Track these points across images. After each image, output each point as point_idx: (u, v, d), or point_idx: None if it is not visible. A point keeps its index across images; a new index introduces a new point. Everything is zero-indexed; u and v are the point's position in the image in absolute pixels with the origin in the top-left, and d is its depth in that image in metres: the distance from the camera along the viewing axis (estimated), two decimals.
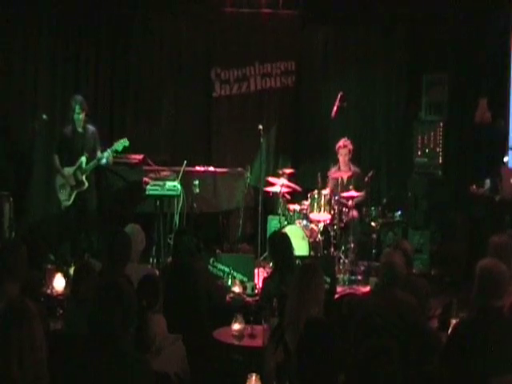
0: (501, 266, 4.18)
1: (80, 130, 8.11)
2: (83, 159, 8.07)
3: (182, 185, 8.28)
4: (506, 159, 8.69)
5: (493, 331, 3.96)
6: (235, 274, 7.18)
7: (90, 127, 8.19)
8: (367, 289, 7.30)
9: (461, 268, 8.05)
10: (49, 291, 6.32)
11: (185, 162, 8.29)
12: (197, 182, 8.50)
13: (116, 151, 8.13)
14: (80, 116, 8.04)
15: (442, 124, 9.30)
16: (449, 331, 4.55)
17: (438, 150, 9.29)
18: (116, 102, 9.82)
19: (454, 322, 4.75)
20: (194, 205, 8.44)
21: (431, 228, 9.02)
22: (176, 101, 10.00)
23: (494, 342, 3.93)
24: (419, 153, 9.44)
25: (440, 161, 9.28)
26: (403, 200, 9.33)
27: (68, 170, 8.09)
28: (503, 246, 5.42)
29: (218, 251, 8.13)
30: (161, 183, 8.29)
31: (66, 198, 8.11)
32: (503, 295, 4.11)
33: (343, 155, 8.82)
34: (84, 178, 8.07)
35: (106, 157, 8.03)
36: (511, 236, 6.14)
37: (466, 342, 4.01)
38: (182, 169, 8.29)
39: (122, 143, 8.06)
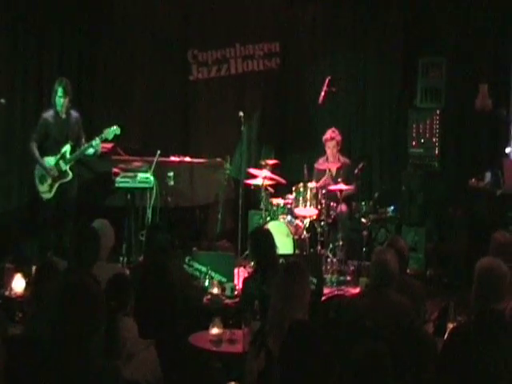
0: (501, 265, 4.19)
1: (63, 115, 7.98)
2: (67, 148, 7.96)
3: (155, 176, 8.26)
4: (508, 150, 8.74)
5: (493, 336, 3.96)
6: (213, 273, 7.21)
7: (74, 113, 8.07)
8: (357, 290, 7.33)
9: (459, 268, 8.09)
10: (7, 293, 6.27)
11: (158, 151, 8.27)
12: (171, 174, 8.51)
13: (106, 140, 8.01)
14: (62, 100, 7.90)
15: (438, 112, 9.33)
16: (445, 336, 4.56)
17: (434, 140, 9.32)
18: (83, 87, 9.72)
19: (451, 326, 4.76)
20: (169, 198, 8.44)
21: (427, 225, 9.06)
22: (149, 85, 9.99)
23: (495, 349, 3.93)
24: (414, 143, 9.46)
25: (437, 152, 9.31)
26: (396, 194, 9.37)
27: (49, 160, 7.98)
28: (506, 245, 5.46)
29: (194, 249, 8.14)
30: (132, 175, 8.27)
31: (46, 190, 7.97)
32: (504, 297, 4.12)
33: (331, 148, 8.86)
34: (68, 168, 7.97)
35: (94, 146, 7.91)
36: None
37: (463, 348, 4.00)
38: (156, 159, 8.27)
39: (112, 131, 7.92)
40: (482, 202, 8.53)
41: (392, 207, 8.80)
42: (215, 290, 6.89)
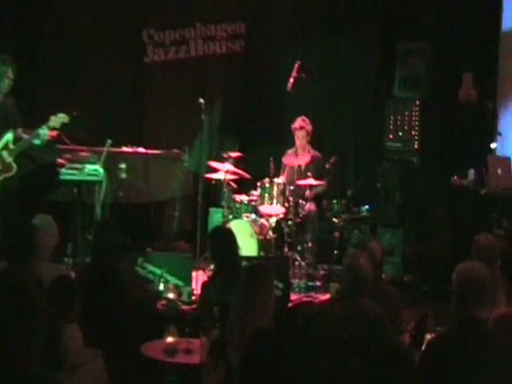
0: (482, 270, 4.23)
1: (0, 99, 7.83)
2: (9, 137, 7.80)
3: (104, 169, 8.22)
4: (493, 146, 8.83)
5: (474, 348, 4.00)
6: (169, 277, 7.18)
7: (9, 99, 7.91)
8: (327, 297, 7.34)
9: (439, 274, 8.13)
10: None
11: (109, 141, 8.22)
12: (123, 166, 8.47)
13: (54, 129, 7.87)
14: (6, 81, 7.76)
15: (419, 102, 9.39)
16: (423, 348, 4.59)
17: (413, 133, 9.38)
18: (23, 68, 9.55)
19: (429, 337, 4.80)
20: (120, 193, 8.42)
21: (405, 226, 9.12)
22: (99, 67, 9.91)
23: (475, 361, 3.97)
24: (391, 136, 9.52)
25: (416, 146, 9.38)
26: (372, 192, 9.41)
27: None
28: (489, 248, 5.52)
29: (148, 249, 8.11)
30: (79, 166, 8.21)
31: None
32: (485, 305, 4.16)
33: (300, 138, 8.87)
34: (12, 160, 7.84)
35: (41, 135, 7.74)
36: (499, 236, 6.26)
37: (442, 360, 4.04)
38: (106, 149, 8.22)
39: (60, 118, 7.73)
40: (464, 201, 8.61)
41: (366, 206, 8.83)
42: (171, 295, 6.86)
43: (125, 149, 9.01)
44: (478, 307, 4.09)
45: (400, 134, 9.44)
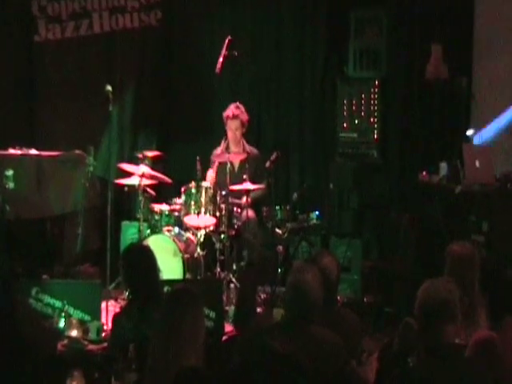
0: (449, 288, 4.28)
1: None
2: None
3: None
4: (469, 133, 8.93)
5: (445, 378, 4.05)
6: (72, 310, 7.14)
7: None
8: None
9: (405, 293, 8.21)
10: None
11: None
12: (11, 173, 8.39)
13: None
14: None
15: (377, 82, 9.49)
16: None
17: (372, 120, 9.50)
18: None
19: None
20: (7, 207, 8.32)
21: (363, 236, 9.19)
22: None
23: None
24: (345, 125, 9.61)
25: (375, 136, 9.48)
26: (322, 195, 9.47)
27: None
28: (466, 259, 5.58)
29: (44, 277, 8.05)
30: None
31: None
32: (456, 328, 4.21)
33: (233, 129, 8.91)
34: None
35: None
36: (478, 244, 6.33)
37: None
38: None
39: None
40: (435, 202, 8.69)
41: (316, 213, 8.87)
42: (74, 333, 6.83)
43: (12, 151, 8.93)
44: (446, 333, 4.14)
45: (356, 121, 9.54)
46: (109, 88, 8.48)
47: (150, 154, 9.06)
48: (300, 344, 4.66)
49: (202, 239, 8.51)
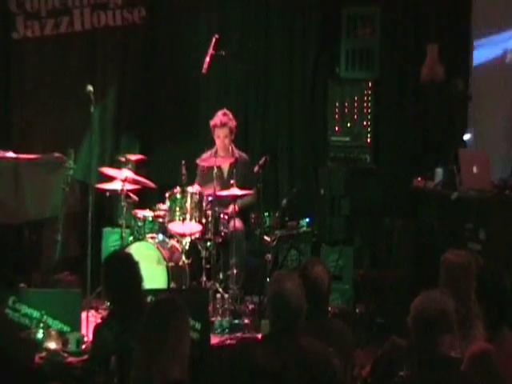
0: (442, 301, 4.29)
1: None
2: None
3: None
4: (466, 137, 8.95)
5: None
6: (50, 320, 7.13)
7: None
8: (258, 337, 7.34)
9: (399, 303, 8.21)
10: None
11: None
12: None
13: None
14: None
15: (371, 84, 9.51)
16: None
17: (365, 123, 9.51)
18: None
19: None
20: None
21: (356, 243, 9.19)
22: None
23: None
24: (337, 128, 9.62)
25: (368, 140, 9.49)
26: (313, 201, 9.46)
27: None
28: (461, 269, 5.58)
29: (22, 285, 8.06)
30: None
31: None
32: (452, 340, 4.22)
33: (221, 137, 8.92)
34: None
35: None
36: (474, 253, 6.34)
37: None
38: None
39: None
40: (430, 209, 8.70)
41: (307, 219, 8.88)
42: (53, 345, 6.81)
43: None
44: (441, 343, 4.15)
45: (348, 124, 9.57)
46: (90, 88, 8.47)
47: (132, 157, 9.06)
48: (287, 357, 4.64)
49: (187, 247, 8.49)
